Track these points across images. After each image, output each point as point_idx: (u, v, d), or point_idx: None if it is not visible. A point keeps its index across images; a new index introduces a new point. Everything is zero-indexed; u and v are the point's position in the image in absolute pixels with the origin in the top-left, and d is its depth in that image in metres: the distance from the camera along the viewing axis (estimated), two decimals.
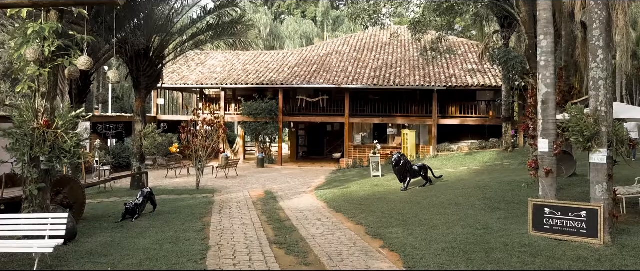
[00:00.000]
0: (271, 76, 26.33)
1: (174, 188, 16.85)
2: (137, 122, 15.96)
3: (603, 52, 8.08)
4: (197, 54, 31.64)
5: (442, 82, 24.34)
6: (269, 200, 14.16)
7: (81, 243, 8.68)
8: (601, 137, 7.98)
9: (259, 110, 25.33)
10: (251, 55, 30.64)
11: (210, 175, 21.23)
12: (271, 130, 25.76)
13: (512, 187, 14.14)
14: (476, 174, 18.67)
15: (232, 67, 28.42)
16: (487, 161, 21.73)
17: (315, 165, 26.19)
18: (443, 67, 26.24)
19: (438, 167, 21.19)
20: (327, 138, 30.61)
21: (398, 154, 15.83)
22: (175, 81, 26.60)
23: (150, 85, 16.01)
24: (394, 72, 25.98)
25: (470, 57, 27.43)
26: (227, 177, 20.76)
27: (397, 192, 15.04)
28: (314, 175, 21.87)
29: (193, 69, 28.40)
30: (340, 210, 12.18)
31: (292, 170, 24.34)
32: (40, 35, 7.96)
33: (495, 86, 23.78)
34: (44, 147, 7.97)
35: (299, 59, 29.10)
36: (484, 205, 12.10)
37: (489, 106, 25.84)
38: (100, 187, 16.06)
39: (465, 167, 20.79)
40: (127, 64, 15.60)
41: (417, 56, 28.00)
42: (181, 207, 12.86)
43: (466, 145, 25.64)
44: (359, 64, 27.46)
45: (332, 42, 31.85)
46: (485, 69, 25.66)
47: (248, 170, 24.21)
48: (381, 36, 31.99)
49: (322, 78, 25.46)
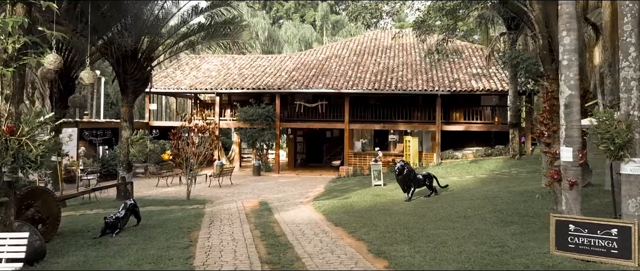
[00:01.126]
0: (268, 80, 25.44)
1: (163, 199, 15.90)
2: (124, 128, 15.03)
3: (635, 50, 7.19)
4: (192, 58, 30.80)
5: (446, 86, 23.47)
6: (263, 212, 13.21)
7: (50, 264, 7.76)
8: (635, 145, 7.07)
9: (255, 116, 24.42)
10: (248, 59, 29.77)
11: (203, 184, 20.28)
12: (268, 136, 24.83)
13: (524, 198, 13.23)
14: (483, 183, 17.76)
15: (228, 71, 27.51)
16: (494, 169, 20.81)
17: (314, 173, 25.25)
18: (446, 71, 25.37)
19: (442, 175, 20.27)
20: (327, 145, 29.66)
21: (401, 162, 14.91)
22: (169, 85, 25.66)
23: (139, 89, 15.08)
24: (395, 77, 25.10)
25: (475, 60, 26.57)
26: (221, 186, 19.80)
27: (401, 203, 14.11)
28: (312, 183, 20.93)
29: (187, 73, 27.48)
30: (340, 223, 11.24)
31: (290, 178, 23.39)
32: (3, 30, 7.06)
33: (501, 90, 22.89)
34: (7, 156, 7.04)
35: (297, 62, 28.22)
36: (495, 218, 11.18)
37: (495, 111, 24.96)
38: (83, 198, 15.11)
39: (471, 175, 19.87)
40: (113, 66, 14.69)
41: (419, 60, 27.17)
42: (168, 220, 11.91)
43: (471, 152, 24.72)
44: (359, 68, 26.58)
45: (332, 46, 30.97)
46: (490, 73, 24.79)
47: (244, 179, 23.26)
48: (382, 39, 31.16)
49: (321, 83, 24.57)
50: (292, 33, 46.40)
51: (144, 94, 26.59)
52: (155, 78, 27.37)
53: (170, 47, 15.91)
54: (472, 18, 21.17)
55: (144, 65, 15.10)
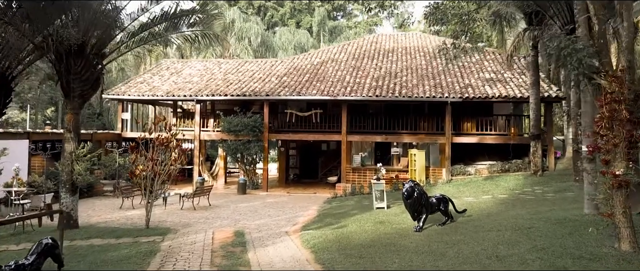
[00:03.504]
0: (256, 86, 22.61)
1: (117, 227, 12.98)
2: (68, 140, 12.13)
3: None
4: (173, 62, 28.09)
5: (457, 92, 20.65)
6: (235, 248, 10.31)
7: None
8: None
9: (241, 126, 21.57)
10: (234, 64, 26.97)
11: (175, 205, 17.40)
12: (255, 149, 21.94)
13: (568, 230, 10.31)
14: (506, 205, 14.89)
15: (212, 77, 24.66)
16: (514, 187, 17.94)
17: (307, 191, 22.35)
18: (456, 76, 22.59)
19: (454, 194, 17.41)
20: (322, 159, 26.73)
21: (410, 183, 12.03)
22: (144, 92, 22.78)
23: (87, 92, 12.20)
24: (399, 82, 22.30)
25: (487, 64, 23.80)
26: (196, 208, 16.88)
27: (410, 234, 11.21)
28: (304, 204, 18.04)
29: (166, 79, 24.63)
30: (334, 265, 8.38)
31: (279, 197, 20.47)
32: None
33: (519, 97, 20.06)
34: None
35: (289, 67, 25.42)
36: (540, 261, 8.26)
37: (509, 121, 22.11)
38: (15, 226, 12.18)
39: (488, 195, 17.00)
40: (54, 64, 11.83)
41: (425, 64, 24.41)
42: (106, 262, 9.02)
43: (484, 167, 21.86)
44: (358, 73, 23.78)
45: (328, 49, 28.16)
46: (505, 78, 22.01)
47: (226, 198, 20.33)
48: (383, 42, 28.40)
49: (316, 89, 21.74)
50: (287, 39, 43.73)
51: (118, 102, 23.78)
52: (130, 84, 24.58)
53: (128, 40, 13.05)
54: (487, 12, 18.34)
55: (94, 63, 12.25)
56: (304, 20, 50.90)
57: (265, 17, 51.57)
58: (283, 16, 51.61)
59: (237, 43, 41.14)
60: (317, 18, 47.69)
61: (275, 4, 52.37)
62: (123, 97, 22.62)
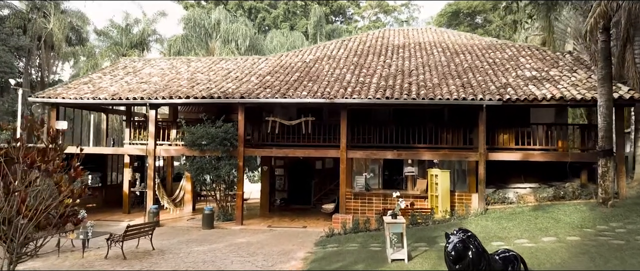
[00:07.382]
0: (229, 87, 17.42)
1: None
2: None
3: None
4: (134, 60, 22.95)
5: (493, 93, 15.49)
6: None
7: None
8: None
9: (207, 139, 16.35)
10: (207, 62, 21.73)
11: (101, 251, 12.14)
12: (226, 169, 16.69)
13: None
14: (587, 257, 9.69)
15: (176, 76, 19.43)
16: (581, 224, 12.67)
17: (295, 223, 17.09)
18: (487, 74, 17.44)
19: (498, 233, 12.22)
20: (315, 181, 21.37)
21: (460, 236, 6.89)
22: (83, 94, 17.55)
23: None
24: (414, 81, 17.14)
25: (523, 61, 18.66)
26: (126, 258, 11.57)
27: None
28: (287, 248, 12.78)
29: (118, 79, 19.37)
30: None
31: (256, 234, 15.16)
32: None
33: (581, 99, 14.85)
34: None
35: (274, 65, 20.26)
36: None
37: (551, 132, 16.83)
38: None
39: (551, 236, 11.74)
40: None
41: (445, 61, 19.29)
42: None
43: (527, 192, 16.62)
44: (361, 71, 18.63)
45: (324, 46, 22.98)
46: (551, 76, 16.87)
47: (185, 235, 15.03)
48: (391, 38, 23.31)
49: (306, 90, 16.58)
50: (279, 41, 38.71)
51: (51, 107, 18.58)
52: (70, 85, 19.43)
53: None
54: None
55: None
56: (299, 24, 45.94)
57: (257, 20, 46.62)
58: (275, 19, 46.64)
59: (222, 46, 36.27)
60: (314, 19, 42.69)
61: (268, 5, 47.47)
62: (54, 100, 17.39)
